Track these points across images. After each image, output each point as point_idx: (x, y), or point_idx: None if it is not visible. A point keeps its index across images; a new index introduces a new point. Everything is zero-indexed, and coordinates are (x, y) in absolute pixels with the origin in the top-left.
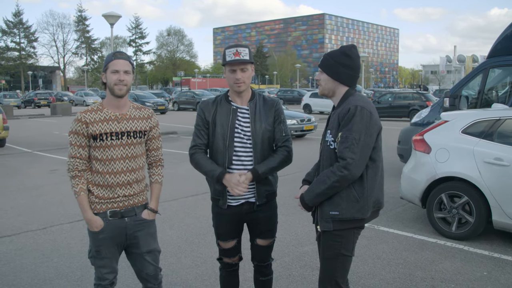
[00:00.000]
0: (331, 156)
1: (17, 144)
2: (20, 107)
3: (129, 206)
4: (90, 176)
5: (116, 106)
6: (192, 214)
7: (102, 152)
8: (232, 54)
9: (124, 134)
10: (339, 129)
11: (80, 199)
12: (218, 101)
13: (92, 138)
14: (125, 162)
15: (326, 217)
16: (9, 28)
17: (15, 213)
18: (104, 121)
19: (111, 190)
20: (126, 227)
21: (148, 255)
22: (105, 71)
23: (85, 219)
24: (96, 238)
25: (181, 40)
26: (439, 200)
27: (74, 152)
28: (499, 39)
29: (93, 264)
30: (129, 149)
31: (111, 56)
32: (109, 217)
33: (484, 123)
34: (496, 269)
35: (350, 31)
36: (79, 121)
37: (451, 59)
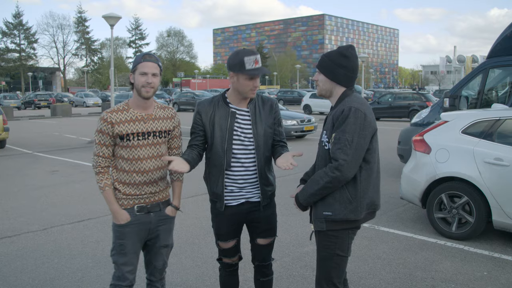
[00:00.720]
0: (325, 156)
1: (17, 145)
2: (20, 108)
3: (154, 202)
4: (116, 173)
5: (142, 107)
6: (193, 214)
7: (129, 152)
8: (253, 62)
9: (150, 134)
10: (333, 130)
11: (106, 193)
12: (215, 102)
13: (118, 137)
14: (151, 161)
15: (320, 217)
16: (9, 29)
17: (16, 214)
18: (130, 122)
19: (138, 187)
20: (151, 222)
21: (164, 249)
22: (133, 71)
23: (111, 211)
24: (122, 231)
25: (181, 41)
26: (439, 200)
27: (97, 150)
28: (499, 39)
29: (115, 262)
30: (155, 148)
31: (140, 57)
32: (136, 212)
33: (484, 123)
34: (496, 269)
35: (350, 31)
36: (104, 120)
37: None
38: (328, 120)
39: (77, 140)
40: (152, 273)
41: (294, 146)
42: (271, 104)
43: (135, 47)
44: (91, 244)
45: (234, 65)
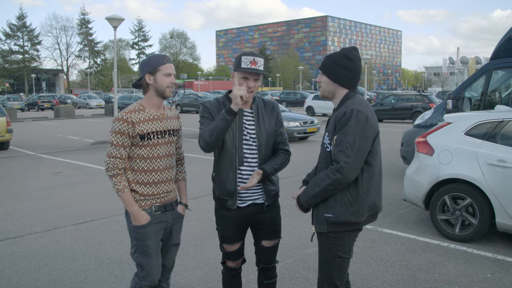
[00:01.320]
0: (327, 158)
1: (20, 146)
2: (23, 110)
3: (168, 201)
4: (132, 175)
5: (158, 106)
6: (195, 216)
7: (149, 151)
8: (249, 62)
9: (166, 133)
10: (334, 132)
11: (125, 195)
12: (221, 102)
13: (139, 137)
14: (167, 159)
15: (321, 219)
16: (13, 31)
17: (19, 215)
18: (149, 121)
19: (155, 186)
20: (167, 221)
21: (174, 248)
22: (152, 73)
23: (132, 213)
24: (144, 232)
25: (184, 42)
26: (442, 202)
27: (115, 152)
28: (502, 40)
29: (140, 264)
30: (170, 146)
31: (161, 59)
32: (154, 212)
33: (487, 125)
34: (499, 271)
35: (353, 33)
36: (125, 121)
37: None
38: (330, 122)
39: (80, 141)
40: (161, 273)
41: (297, 148)
42: (273, 105)
43: (138, 48)
44: (94, 245)
45: (235, 64)
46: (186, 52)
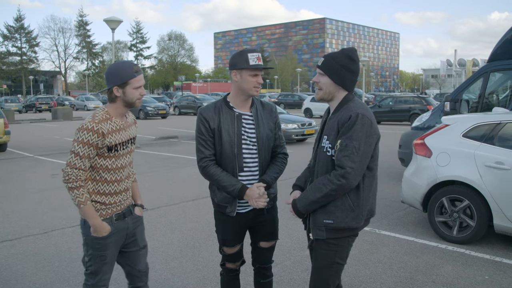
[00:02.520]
0: (327, 162)
1: (18, 148)
2: (21, 111)
3: (125, 207)
4: (93, 185)
5: (123, 115)
6: (193, 218)
7: (114, 162)
8: (256, 58)
9: (129, 142)
10: (338, 136)
11: (87, 208)
12: (219, 107)
13: (106, 148)
14: (128, 169)
15: (319, 225)
16: (11, 33)
17: (16, 218)
18: (116, 131)
19: (116, 196)
20: (128, 227)
21: (143, 250)
22: (122, 86)
23: (93, 226)
24: (104, 243)
25: (182, 44)
26: (440, 204)
27: (79, 163)
28: (500, 43)
29: (94, 272)
30: (130, 156)
31: (131, 72)
32: (115, 221)
33: (485, 127)
34: (497, 273)
35: (351, 35)
36: (95, 132)
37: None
38: (330, 124)
39: None
40: (138, 279)
41: (295, 150)
42: (271, 108)
43: (136, 50)
44: None
45: (239, 62)
46: (184, 54)
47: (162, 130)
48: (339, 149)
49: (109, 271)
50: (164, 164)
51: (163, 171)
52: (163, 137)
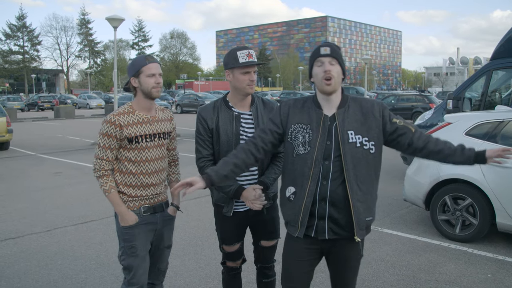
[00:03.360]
0: (366, 159)
1: (20, 147)
2: (23, 110)
3: (158, 202)
4: (120, 177)
5: (148, 109)
6: (196, 216)
7: (137, 154)
8: (246, 56)
9: (156, 136)
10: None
11: (112, 196)
12: (218, 107)
13: (127, 140)
14: (157, 163)
15: (362, 225)
16: (13, 31)
17: (19, 216)
18: (138, 124)
19: (144, 189)
20: (157, 223)
21: (167, 250)
22: (136, 75)
23: (119, 213)
24: (132, 233)
25: (184, 43)
26: (442, 202)
27: (101, 154)
28: (502, 41)
29: (128, 266)
30: (160, 150)
31: (143, 60)
32: (143, 213)
33: (488, 125)
34: (500, 271)
35: (353, 33)
36: (112, 123)
37: (454, 61)
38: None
39: (81, 142)
40: (155, 277)
41: None
42: (272, 106)
43: (138, 49)
44: (94, 245)
45: (229, 61)
46: (186, 53)
47: None
48: (403, 121)
49: (141, 267)
50: None
51: None
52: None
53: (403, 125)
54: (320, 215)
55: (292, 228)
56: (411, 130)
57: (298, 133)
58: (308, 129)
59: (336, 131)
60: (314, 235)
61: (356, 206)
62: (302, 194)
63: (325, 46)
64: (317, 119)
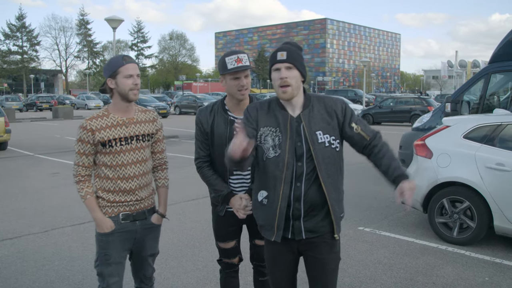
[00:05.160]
0: (334, 157)
1: (18, 147)
2: (22, 110)
3: (139, 210)
4: (99, 182)
5: (124, 111)
6: (193, 218)
7: (112, 158)
8: (234, 61)
9: (133, 138)
10: (346, 123)
11: (88, 201)
12: (215, 110)
13: (100, 144)
14: (136, 167)
15: (338, 222)
16: (12, 31)
17: (16, 216)
18: (111, 127)
19: (123, 195)
20: (137, 231)
21: (150, 258)
22: (113, 76)
23: (95, 219)
24: (106, 240)
25: (183, 44)
26: (440, 205)
27: (77, 160)
28: (501, 44)
29: (100, 273)
30: (139, 153)
31: (119, 60)
32: (121, 220)
33: (486, 128)
34: (497, 274)
35: (352, 35)
36: (84, 128)
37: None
38: (315, 120)
39: None
40: (142, 281)
41: None
42: None
43: (137, 50)
44: (91, 246)
45: (220, 68)
46: (185, 54)
47: (163, 130)
48: (362, 127)
49: (115, 274)
50: None
51: None
52: (164, 137)
53: (358, 133)
54: (295, 216)
55: (268, 233)
56: (365, 139)
57: (267, 136)
58: (277, 132)
59: (304, 132)
60: (291, 236)
61: (333, 205)
62: (276, 197)
63: (282, 50)
64: (284, 121)
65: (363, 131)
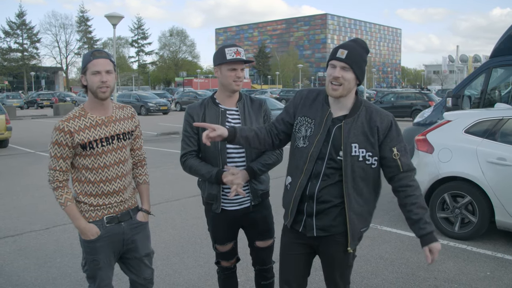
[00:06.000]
0: (367, 173)
1: (19, 144)
2: (22, 107)
3: (123, 210)
4: (79, 186)
5: (100, 109)
6: (195, 214)
7: (94, 161)
8: (233, 53)
9: (114, 138)
10: (386, 143)
11: (69, 209)
12: (205, 104)
13: (80, 147)
14: (118, 167)
15: (356, 236)
16: (12, 29)
17: (18, 213)
18: (91, 128)
19: (106, 197)
20: (124, 232)
21: (146, 258)
22: (84, 72)
23: (78, 228)
24: (93, 247)
25: (184, 40)
26: (442, 200)
27: (54, 164)
28: (502, 39)
29: (90, 277)
30: (120, 153)
31: (89, 55)
32: (106, 224)
33: (487, 123)
34: (499, 269)
35: (353, 31)
36: (61, 131)
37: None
38: (354, 130)
39: None
40: (144, 286)
41: None
42: (260, 102)
43: (137, 46)
44: None
45: (217, 58)
46: (186, 50)
47: (164, 126)
48: (401, 155)
49: (106, 277)
50: (165, 160)
51: (164, 167)
52: (165, 133)
53: (395, 160)
54: (308, 213)
55: (285, 216)
56: (399, 169)
57: (302, 126)
58: (311, 124)
59: (336, 137)
60: (301, 230)
61: (351, 218)
62: (295, 186)
63: (344, 47)
64: (322, 116)
65: (400, 161)
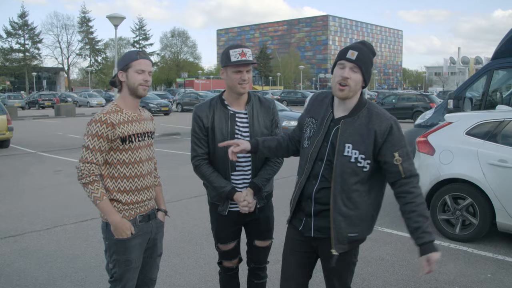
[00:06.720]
0: (358, 175)
1: (21, 145)
2: (24, 108)
3: (150, 209)
4: (113, 183)
5: (134, 107)
6: (196, 215)
7: (131, 155)
8: (238, 54)
9: (145, 135)
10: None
11: (104, 203)
12: (214, 105)
13: (120, 140)
14: (149, 164)
15: (343, 239)
16: (14, 29)
17: (19, 214)
18: (128, 122)
19: (139, 194)
20: (152, 231)
21: (159, 258)
22: (125, 69)
23: (113, 223)
24: (128, 246)
25: (185, 41)
26: (443, 202)
27: (91, 157)
28: (503, 40)
29: (116, 280)
30: (150, 150)
31: (134, 54)
32: (139, 222)
33: (488, 125)
34: (500, 271)
35: (354, 32)
36: (103, 122)
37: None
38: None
39: (81, 140)
40: (147, 284)
41: None
42: (269, 105)
43: (139, 47)
44: (94, 244)
45: (223, 60)
46: (187, 51)
47: (165, 127)
48: (404, 160)
49: (132, 278)
50: (166, 161)
51: (165, 168)
52: (166, 134)
53: (397, 166)
54: (307, 212)
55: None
56: (400, 175)
57: (307, 127)
58: (314, 124)
59: (335, 137)
60: (301, 229)
61: (336, 219)
62: (296, 185)
63: (354, 49)
64: (324, 117)
65: (402, 166)
